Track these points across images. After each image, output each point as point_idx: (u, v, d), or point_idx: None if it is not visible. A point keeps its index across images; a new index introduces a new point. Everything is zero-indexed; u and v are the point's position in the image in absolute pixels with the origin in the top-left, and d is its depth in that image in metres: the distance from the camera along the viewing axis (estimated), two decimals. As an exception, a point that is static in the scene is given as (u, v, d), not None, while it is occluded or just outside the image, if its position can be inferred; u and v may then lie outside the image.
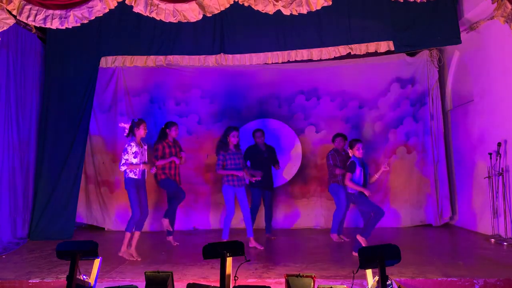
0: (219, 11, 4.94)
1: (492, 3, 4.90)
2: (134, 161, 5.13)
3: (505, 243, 5.65)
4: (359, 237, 5.11)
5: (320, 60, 6.76)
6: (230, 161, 5.76)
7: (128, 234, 5.16)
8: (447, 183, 7.47)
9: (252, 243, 5.73)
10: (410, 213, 7.39)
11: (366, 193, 5.19)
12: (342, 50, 6.45)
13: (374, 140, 7.57)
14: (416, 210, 7.39)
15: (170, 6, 4.83)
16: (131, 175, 5.15)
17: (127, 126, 5.24)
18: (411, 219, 7.38)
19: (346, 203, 6.12)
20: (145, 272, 3.51)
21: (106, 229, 7.45)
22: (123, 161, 5.12)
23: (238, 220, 7.01)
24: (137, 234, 5.23)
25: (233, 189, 5.76)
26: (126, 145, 5.18)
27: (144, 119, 7.38)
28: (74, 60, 6.78)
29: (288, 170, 7.56)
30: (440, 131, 7.47)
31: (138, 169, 5.15)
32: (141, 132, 5.22)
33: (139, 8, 4.78)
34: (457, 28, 6.20)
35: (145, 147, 5.36)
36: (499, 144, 5.92)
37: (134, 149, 5.14)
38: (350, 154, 5.36)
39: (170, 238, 6.12)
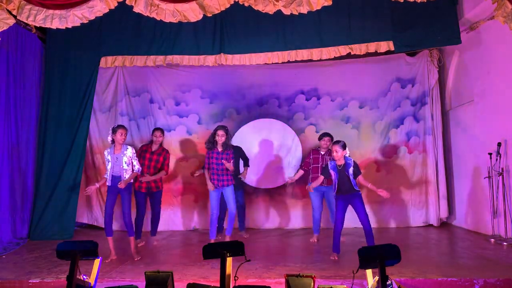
0: (219, 11, 4.94)
1: (492, 3, 4.90)
2: (108, 168, 5.21)
3: (505, 243, 5.65)
4: None
5: (320, 60, 6.76)
6: (211, 160, 5.77)
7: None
8: (447, 183, 7.47)
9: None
10: (412, 213, 7.37)
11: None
12: (342, 50, 6.45)
13: (374, 140, 7.57)
14: (418, 211, 7.38)
15: (171, 6, 4.84)
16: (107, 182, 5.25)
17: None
18: (413, 220, 7.37)
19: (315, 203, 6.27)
20: (145, 272, 3.51)
21: (106, 229, 7.45)
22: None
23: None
24: (108, 238, 5.22)
25: (216, 190, 5.78)
26: None
27: (144, 119, 7.48)
28: (74, 60, 6.79)
29: (288, 170, 7.56)
30: (439, 131, 7.48)
31: (108, 176, 5.20)
32: (116, 138, 5.18)
33: (139, 8, 4.79)
34: (457, 28, 6.20)
35: (126, 152, 5.21)
36: (499, 144, 5.92)
37: (106, 156, 5.24)
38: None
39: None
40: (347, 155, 5.21)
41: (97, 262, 3.74)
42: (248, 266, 4.27)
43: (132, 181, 5.32)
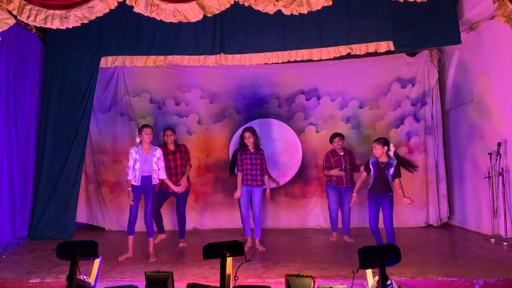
0: (220, 11, 4.94)
1: (493, 3, 4.89)
2: (136, 167, 5.23)
3: (505, 243, 5.66)
4: None
5: (320, 60, 6.76)
6: (245, 161, 5.79)
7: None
8: (447, 183, 7.47)
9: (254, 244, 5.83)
10: (413, 213, 7.35)
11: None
12: (342, 50, 6.44)
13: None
14: (419, 211, 7.36)
15: (171, 6, 4.84)
16: (132, 181, 5.25)
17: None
18: (413, 220, 7.36)
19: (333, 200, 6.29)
20: (145, 272, 3.51)
21: (106, 229, 7.45)
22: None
23: (240, 220, 7.05)
24: (130, 237, 5.28)
25: (247, 189, 5.81)
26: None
27: (144, 119, 7.48)
28: (74, 60, 6.79)
29: (288, 170, 7.56)
30: (439, 131, 7.47)
31: (137, 176, 5.21)
32: (143, 138, 5.26)
33: (139, 8, 4.79)
34: (457, 28, 6.20)
35: (155, 153, 5.30)
36: (499, 144, 5.92)
37: (134, 156, 5.25)
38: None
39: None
40: (390, 152, 5.19)
41: (97, 262, 3.74)
42: (248, 266, 4.27)
43: (156, 182, 5.36)
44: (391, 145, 5.22)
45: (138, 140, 5.33)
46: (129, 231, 5.28)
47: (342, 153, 6.27)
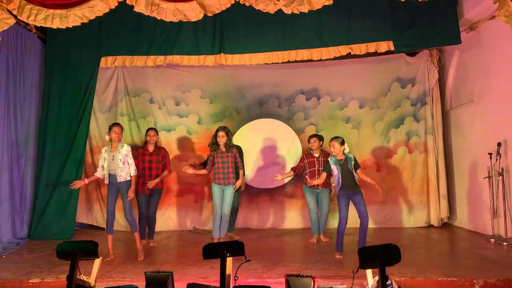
0: (220, 11, 4.94)
1: (494, 3, 4.89)
2: (105, 166, 5.25)
3: (505, 243, 5.66)
4: None
5: (320, 60, 6.76)
6: (217, 159, 5.85)
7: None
8: (447, 183, 7.47)
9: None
10: (414, 213, 7.37)
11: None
12: (342, 50, 6.45)
13: (374, 140, 7.57)
14: (420, 211, 7.37)
15: (171, 5, 4.84)
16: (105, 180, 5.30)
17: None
18: (414, 220, 7.37)
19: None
20: (145, 272, 3.51)
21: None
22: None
23: (240, 220, 7.06)
24: (109, 236, 5.25)
25: (220, 187, 5.85)
26: None
27: (144, 119, 7.47)
28: (74, 60, 6.79)
29: (288, 170, 7.54)
30: (440, 131, 7.47)
31: (105, 174, 5.25)
32: (111, 136, 5.23)
33: (140, 8, 4.79)
34: (457, 28, 6.21)
35: (121, 150, 5.23)
36: (499, 144, 5.92)
37: (103, 154, 5.29)
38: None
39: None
40: (346, 151, 5.25)
41: (97, 262, 3.74)
42: (248, 266, 4.27)
43: (121, 180, 5.25)
44: (346, 144, 5.30)
45: (107, 138, 5.30)
46: (107, 230, 5.24)
47: (317, 155, 6.21)
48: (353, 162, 5.20)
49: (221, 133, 5.82)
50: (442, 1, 6.14)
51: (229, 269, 3.37)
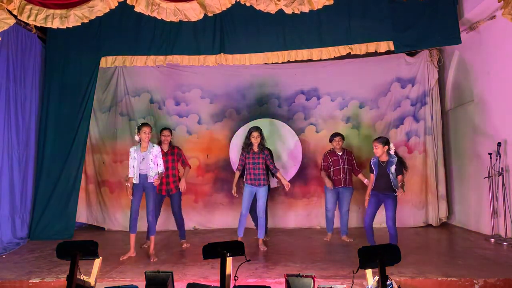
0: (220, 11, 4.94)
1: (498, 1, 4.87)
2: (134, 166, 5.26)
3: (505, 243, 5.66)
4: None
5: (320, 60, 6.76)
6: (248, 160, 5.81)
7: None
8: (446, 183, 7.47)
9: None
10: (413, 213, 7.36)
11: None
12: (342, 50, 6.44)
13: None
14: (419, 211, 7.37)
15: (172, 5, 4.83)
16: (133, 180, 5.28)
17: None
18: (413, 220, 7.36)
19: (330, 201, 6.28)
20: (145, 272, 3.51)
21: (106, 229, 7.46)
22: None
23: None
24: (131, 235, 5.29)
25: (251, 188, 5.82)
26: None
27: (144, 119, 7.47)
28: (74, 60, 6.79)
29: (288, 170, 7.56)
30: (439, 131, 7.47)
31: (135, 174, 5.24)
32: (141, 136, 5.27)
33: (140, 8, 4.79)
34: (457, 28, 6.20)
35: (152, 151, 5.30)
36: (499, 144, 5.92)
37: (133, 154, 5.29)
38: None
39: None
40: (391, 151, 5.15)
41: (97, 262, 3.74)
42: (248, 266, 4.28)
43: (151, 180, 5.30)
44: (391, 144, 5.21)
45: (137, 138, 5.34)
46: (131, 229, 5.29)
47: (340, 153, 6.27)
48: (394, 166, 5.03)
49: (255, 134, 5.76)
50: (442, 1, 6.13)
51: (229, 269, 3.37)
